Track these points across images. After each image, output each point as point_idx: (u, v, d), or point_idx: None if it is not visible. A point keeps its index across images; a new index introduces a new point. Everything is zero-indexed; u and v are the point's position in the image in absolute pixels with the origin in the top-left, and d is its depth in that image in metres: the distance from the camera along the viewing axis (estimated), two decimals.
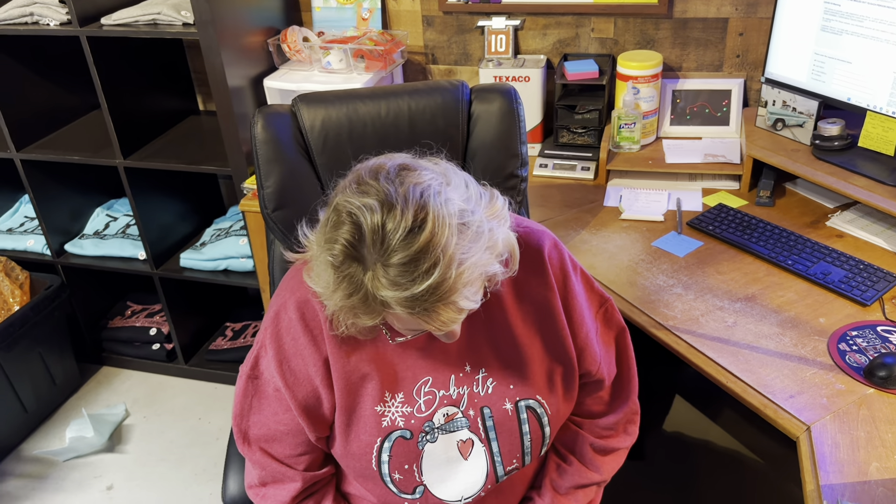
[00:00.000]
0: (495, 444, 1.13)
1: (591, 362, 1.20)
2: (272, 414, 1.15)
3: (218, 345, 2.74)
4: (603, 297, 1.26)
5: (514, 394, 1.14)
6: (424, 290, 0.87)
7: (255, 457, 1.17)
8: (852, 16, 1.68)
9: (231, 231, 2.51)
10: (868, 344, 1.37)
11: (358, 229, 0.89)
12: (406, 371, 1.13)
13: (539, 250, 1.17)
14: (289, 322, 1.12)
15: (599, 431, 1.26)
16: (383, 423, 1.11)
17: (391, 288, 0.88)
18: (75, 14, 2.08)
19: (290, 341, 1.11)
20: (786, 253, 1.62)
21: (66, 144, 2.45)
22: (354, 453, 1.12)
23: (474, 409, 1.13)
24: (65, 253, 2.61)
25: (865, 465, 1.13)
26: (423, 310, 0.90)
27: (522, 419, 1.14)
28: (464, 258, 0.90)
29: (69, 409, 2.64)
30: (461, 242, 0.90)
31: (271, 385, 1.13)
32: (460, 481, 1.14)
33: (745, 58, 2.07)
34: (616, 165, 1.98)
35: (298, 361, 1.11)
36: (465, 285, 0.91)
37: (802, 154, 1.82)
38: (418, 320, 0.92)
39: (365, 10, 2.27)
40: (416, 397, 1.12)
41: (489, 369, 1.14)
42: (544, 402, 1.15)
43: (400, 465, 1.12)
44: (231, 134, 2.13)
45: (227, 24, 2.03)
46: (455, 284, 0.89)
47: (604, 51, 2.16)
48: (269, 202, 1.47)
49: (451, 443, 1.13)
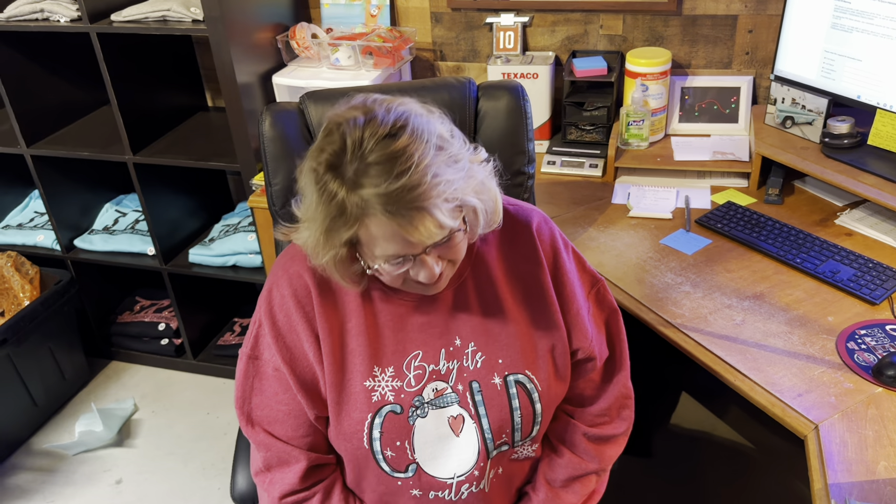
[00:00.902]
0: (485, 420, 1.13)
1: (582, 338, 1.19)
2: (273, 395, 1.15)
3: (226, 340, 2.76)
4: (595, 278, 1.25)
5: (502, 368, 1.14)
6: (399, 188, 0.92)
7: (258, 438, 1.17)
8: (863, 13, 1.67)
9: (239, 227, 2.52)
10: (877, 343, 1.36)
11: (342, 140, 0.95)
12: (396, 345, 1.13)
13: (528, 225, 1.19)
14: (281, 299, 1.13)
15: (592, 419, 1.25)
16: (373, 398, 1.11)
17: (368, 186, 0.93)
18: (85, 11, 2.09)
19: (283, 318, 1.13)
20: (794, 251, 1.62)
21: (75, 140, 2.46)
22: (346, 432, 1.12)
23: (463, 384, 1.13)
24: (74, 248, 2.63)
25: (874, 463, 1.13)
26: (400, 214, 0.93)
27: (512, 394, 1.14)
28: (439, 172, 0.95)
29: (78, 403, 2.66)
30: (437, 159, 0.96)
31: (271, 365, 1.14)
32: (453, 458, 1.14)
33: (755, 55, 2.06)
34: (624, 163, 1.98)
35: (293, 337, 1.13)
36: (441, 197, 0.95)
37: (812, 152, 1.82)
38: (398, 232, 0.95)
39: (374, 6, 2.27)
40: (405, 371, 1.12)
41: (478, 344, 1.14)
42: (534, 378, 1.14)
43: (392, 441, 1.12)
44: (240, 130, 2.13)
45: (236, 21, 2.03)
46: (430, 191, 0.93)
47: (612, 48, 2.15)
48: (276, 199, 1.47)
49: (443, 419, 1.13)
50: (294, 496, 1.17)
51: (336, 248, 1.00)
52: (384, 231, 0.96)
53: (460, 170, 0.99)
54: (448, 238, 1.00)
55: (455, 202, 0.98)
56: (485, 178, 1.06)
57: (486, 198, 1.05)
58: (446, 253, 1.03)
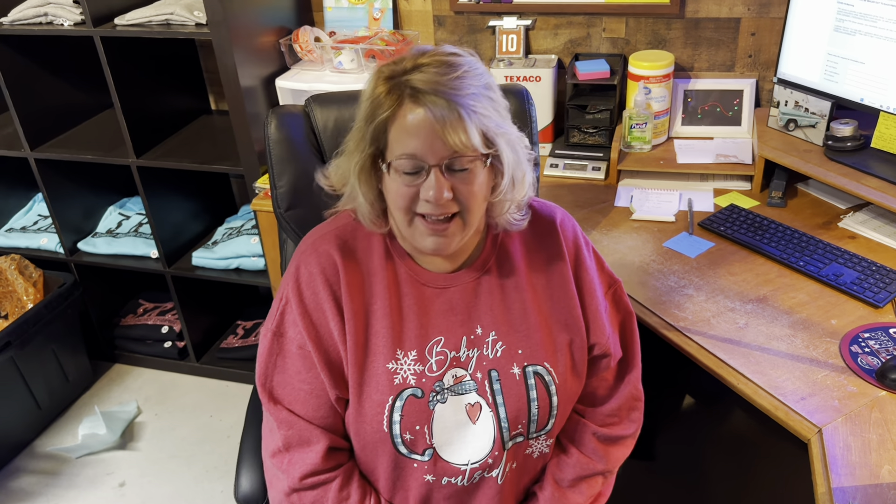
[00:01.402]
0: (502, 409, 1.14)
1: (600, 334, 1.21)
2: (295, 373, 1.15)
3: (229, 343, 2.76)
4: (612, 278, 1.28)
5: (522, 358, 1.15)
6: (443, 82, 1.00)
7: (281, 415, 1.16)
8: (866, 16, 1.67)
9: (243, 230, 2.52)
10: (880, 346, 1.36)
11: (402, 58, 1.05)
12: (419, 329, 1.14)
13: (552, 220, 1.22)
14: (309, 276, 1.15)
15: (602, 419, 1.26)
16: (395, 381, 1.12)
17: (415, 76, 1.01)
18: (89, 14, 2.10)
19: (310, 295, 1.14)
20: (798, 254, 1.62)
21: (79, 143, 2.47)
22: (366, 414, 1.12)
23: (482, 372, 1.14)
24: (78, 251, 2.63)
25: (877, 467, 1.13)
26: (435, 104, 0.99)
27: (530, 384, 1.15)
28: (480, 98, 1.03)
29: (82, 406, 2.66)
30: (482, 91, 1.04)
31: (295, 343, 1.15)
32: (468, 445, 1.14)
33: (758, 58, 2.06)
34: (627, 165, 1.98)
35: (319, 315, 1.14)
36: (476, 113, 1.01)
37: (815, 155, 1.81)
38: (426, 125, 1.00)
39: (376, 10, 2.27)
40: (427, 356, 1.14)
41: (499, 333, 1.16)
42: (552, 370, 1.16)
43: (411, 424, 1.12)
44: (243, 133, 2.14)
45: (240, 25, 2.04)
46: (467, 100, 1.00)
47: (615, 51, 2.16)
48: (282, 202, 1.48)
49: (460, 406, 1.14)
50: (315, 477, 1.15)
51: (365, 149, 1.06)
52: (415, 121, 1.01)
53: (499, 115, 1.06)
54: (466, 167, 1.03)
55: (486, 132, 1.04)
56: (518, 142, 1.10)
57: (515, 159, 1.09)
58: (460, 184, 1.05)
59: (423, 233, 1.08)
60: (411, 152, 1.02)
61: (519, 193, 1.13)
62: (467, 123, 1.00)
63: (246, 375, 2.68)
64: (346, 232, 1.19)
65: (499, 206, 1.13)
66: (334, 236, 1.17)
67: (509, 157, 1.07)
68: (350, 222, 1.19)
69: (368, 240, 1.18)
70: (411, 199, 1.05)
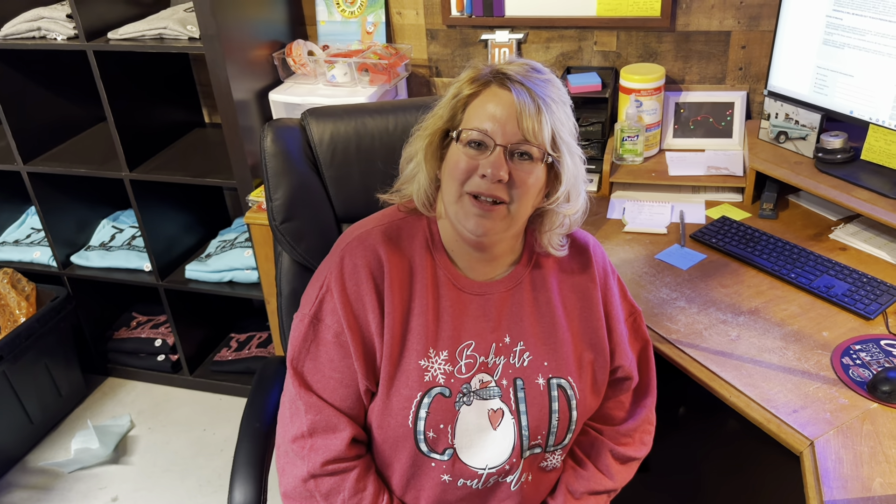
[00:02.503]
0: (524, 417, 1.16)
1: (624, 357, 1.26)
2: (328, 361, 1.17)
3: (223, 356, 2.75)
4: (633, 307, 1.32)
5: (547, 370, 1.18)
6: (531, 75, 1.09)
7: (311, 400, 1.16)
8: (854, 29, 1.69)
9: (236, 243, 2.52)
10: (871, 358, 1.37)
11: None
12: (453, 331, 1.17)
13: (585, 244, 1.27)
14: (353, 268, 1.16)
15: (619, 438, 1.29)
16: (425, 378, 1.14)
17: (513, 67, 1.10)
18: (82, 29, 2.10)
19: (353, 286, 1.16)
20: (789, 266, 1.62)
21: (72, 157, 2.47)
22: (393, 408, 1.14)
23: (507, 380, 1.17)
24: (71, 265, 2.63)
25: (869, 480, 1.13)
26: (521, 91, 1.07)
27: (553, 396, 1.17)
28: (558, 108, 1.11)
29: (74, 420, 2.65)
30: (561, 103, 1.12)
31: (332, 330, 1.16)
32: (487, 450, 1.16)
33: (748, 70, 2.08)
34: (619, 178, 1.99)
35: (360, 306, 1.15)
36: (553, 115, 1.09)
37: (805, 167, 1.83)
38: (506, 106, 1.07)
39: (369, 23, 2.28)
40: (458, 358, 1.16)
41: (527, 343, 1.19)
42: (575, 385, 1.19)
43: (436, 423, 1.14)
44: (236, 147, 2.14)
45: (233, 39, 2.04)
46: (548, 99, 1.08)
47: (606, 64, 2.17)
48: (277, 214, 1.48)
49: (483, 410, 1.16)
50: (338, 464, 1.16)
51: (439, 123, 1.13)
52: (496, 100, 1.08)
53: (569, 130, 1.13)
54: (528, 156, 1.08)
55: (556, 134, 1.09)
56: (580, 162, 1.16)
57: (575, 175, 1.15)
58: (518, 173, 1.08)
59: (469, 211, 1.11)
60: (483, 128, 1.08)
61: (572, 209, 1.17)
62: (544, 116, 1.07)
63: (239, 389, 2.67)
64: (392, 230, 1.21)
65: (550, 218, 1.17)
66: (381, 232, 1.20)
67: (570, 168, 1.13)
68: (395, 220, 1.22)
69: (412, 240, 1.21)
70: (469, 172, 1.09)
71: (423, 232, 1.21)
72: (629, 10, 2.06)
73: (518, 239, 1.21)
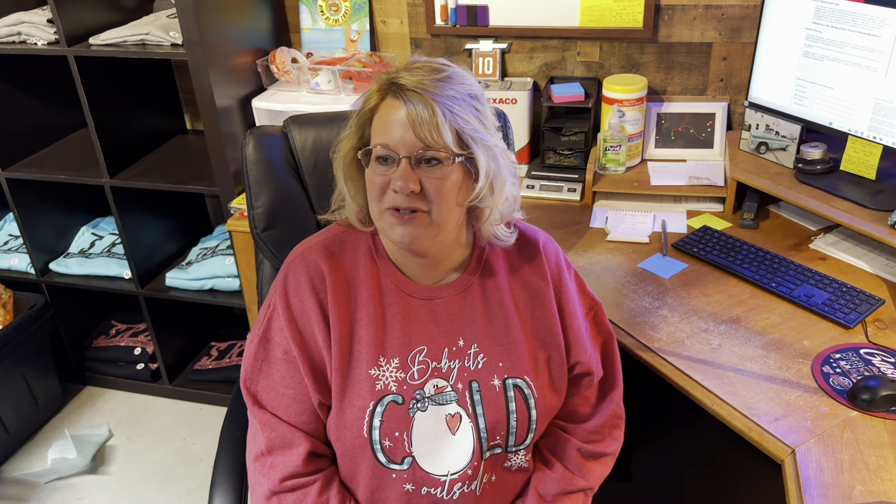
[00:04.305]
0: (482, 419, 1.16)
1: (582, 353, 1.25)
2: (280, 378, 1.17)
3: (203, 364, 2.73)
4: (594, 301, 1.31)
5: (502, 371, 1.18)
6: (423, 80, 1.07)
7: (264, 418, 1.17)
8: (833, 42, 1.71)
9: (217, 250, 2.50)
10: (851, 367, 1.38)
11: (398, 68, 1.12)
12: (403, 337, 1.17)
13: (535, 242, 1.26)
14: (296, 284, 1.18)
15: (587, 436, 1.28)
16: (377, 387, 1.14)
17: (402, 75, 1.08)
18: (63, 34, 2.09)
19: (297, 302, 1.17)
20: (770, 275, 1.64)
21: (51, 163, 2.44)
22: (347, 420, 1.14)
23: (463, 383, 1.17)
24: (49, 272, 2.60)
25: (850, 488, 1.14)
26: (412, 100, 1.06)
27: (510, 396, 1.17)
28: (461, 104, 1.08)
29: (51, 429, 2.61)
30: (465, 99, 1.09)
31: (281, 348, 1.17)
32: (447, 456, 1.16)
33: (729, 82, 2.10)
34: (602, 187, 2.00)
35: (305, 322, 1.16)
36: (451, 113, 1.06)
37: (785, 177, 1.84)
38: (402, 117, 1.06)
39: (353, 32, 2.28)
40: (410, 364, 1.16)
41: (481, 345, 1.19)
42: (531, 384, 1.18)
43: (391, 431, 1.14)
44: (219, 154, 2.13)
45: (216, 45, 2.03)
46: (446, 100, 1.06)
47: (589, 74, 2.18)
48: (259, 222, 1.47)
49: (440, 416, 1.15)
50: (296, 479, 1.16)
51: (352, 139, 1.13)
52: (392, 114, 1.07)
53: (481, 124, 1.11)
54: (436, 162, 1.07)
55: (461, 133, 1.08)
56: (500, 154, 1.13)
57: (496, 167, 1.12)
58: (429, 180, 1.07)
59: (392, 223, 1.10)
60: (385, 142, 1.08)
61: (498, 200, 1.14)
62: (440, 120, 1.05)
63: (220, 398, 2.65)
64: (334, 243, 1.22)
65: (480, 213, 1.16)
66: (322, 247, 1.21)
67: (486, 163, 1.10)
68: (338, 234, 1.23)
69: (355, 252, 1.21)
70: (382, 188, 1.09)
71: (367, 242, 1.22)
72: (612, 22, 2.07)
73: (462, 241, 1.20)
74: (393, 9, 2.24)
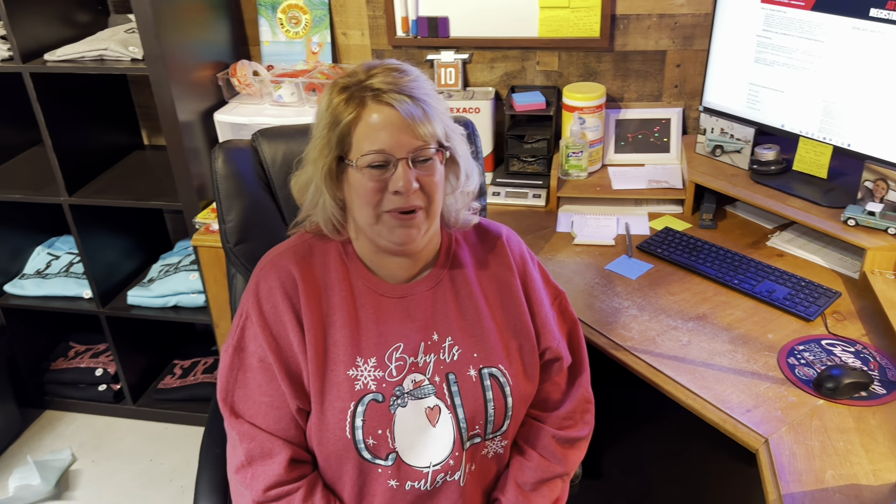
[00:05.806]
0: (461, 410, 1.18)
1: (551, 339, 1.29)
2: (256, 387, 1.18)
3: (167, 383, 2.68)
4: (557, 290, 1.36)
5: (477, 361, 1.21)
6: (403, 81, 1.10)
7: (242, 428, 1.17)
8: (782, 48, 1.79)
9: (180, 266, 2.47)
10: (815, 357, 1.44)
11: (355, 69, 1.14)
12: (378, 336, 1.18)
13: (499, 235, 1.32)
14: (269, 290, 1.18)
15: (560, 422, 1.31)
16: (356, 387, 1.15)
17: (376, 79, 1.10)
18: (17, 50, 2.04)
19: (270, 308, 1.18)
20: (731, 273, 1.70)
21: (6, 182, 2.38)
22: (329, 422, 1.15)
23: (440, 376, 1.19)
24: (4, 294, 2.53)
25: (821, 472, 1.19)
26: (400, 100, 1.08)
27: (486, 386, 1.20)
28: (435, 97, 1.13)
29: (11, 456, 2.53)
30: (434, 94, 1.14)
31: (256, 356, 1.18)
32: (429, 448, 1.17)
33: (683, 88, 2.17)
34: (566, 192, 2.05)
35: (280, 328, 1.17)
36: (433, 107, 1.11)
37: (741, 178, 1.91)
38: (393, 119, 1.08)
39: (314, 44, 2.29)
40: (387, 362, 1.18)
41: (455, 338, 1.21)
42: (506, 372, 1.22)
43: (374, 429, 1.15)
44: (181, 168, 2.11)
45: (177, 60, 2.02)
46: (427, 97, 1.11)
47: (549, 83, 2.23)
48: (230, 236, 1.47)
49: (420, 409, 1.17)
50: (279, 488, 1.16)
51: (329, 154, 1.12)
52: (381, 118, 1.08)
53: (448, 116, 1.17)
54: (429, 158, 1.11)
55: (445, 128, 1.14)
56: (461, 138, 1.20)
57: (465, 152, 1.20)
58: (424, 177, 1.12)
59: (391, 226, 1.13)
60: (379, 148, 1.09)
61: (473, 182, 1.24)
62: (432, 116, 1.10)
63: (185, 416, 2.61)
64: (303, 249, 1.23)
65: (460, 200, 1.23)
66: (291, 253, 1.22)
67: (462, 149, 1.19)
68: (306, 241, 1.25)
69: (325, 256, 1.23)
70: (379, 193, 1.11)
71: (336, 247, 1.23)
72: (569, 32, 2.12)
73: (435, 237, 1.24)
74: (354, 21, 2.25)
